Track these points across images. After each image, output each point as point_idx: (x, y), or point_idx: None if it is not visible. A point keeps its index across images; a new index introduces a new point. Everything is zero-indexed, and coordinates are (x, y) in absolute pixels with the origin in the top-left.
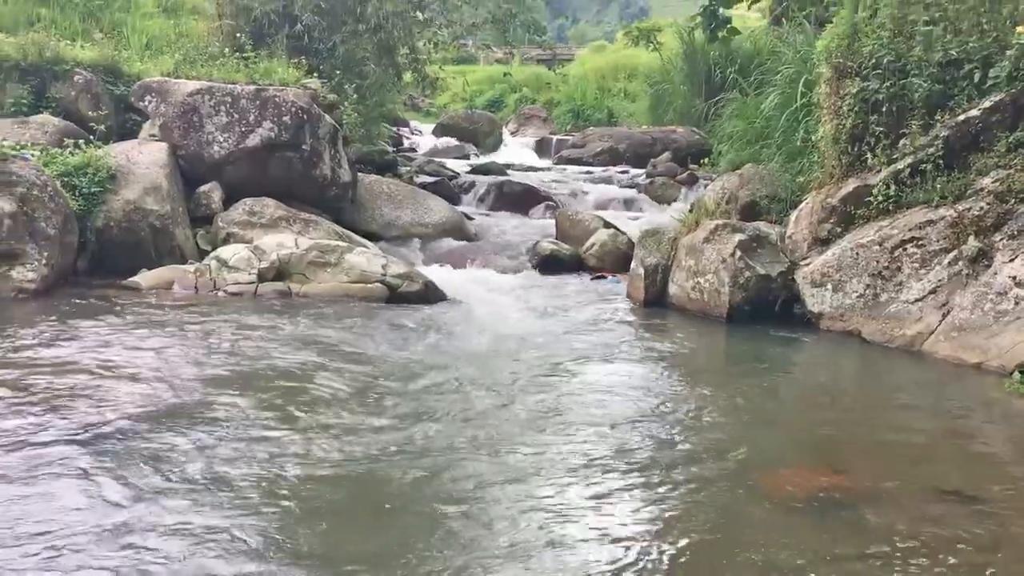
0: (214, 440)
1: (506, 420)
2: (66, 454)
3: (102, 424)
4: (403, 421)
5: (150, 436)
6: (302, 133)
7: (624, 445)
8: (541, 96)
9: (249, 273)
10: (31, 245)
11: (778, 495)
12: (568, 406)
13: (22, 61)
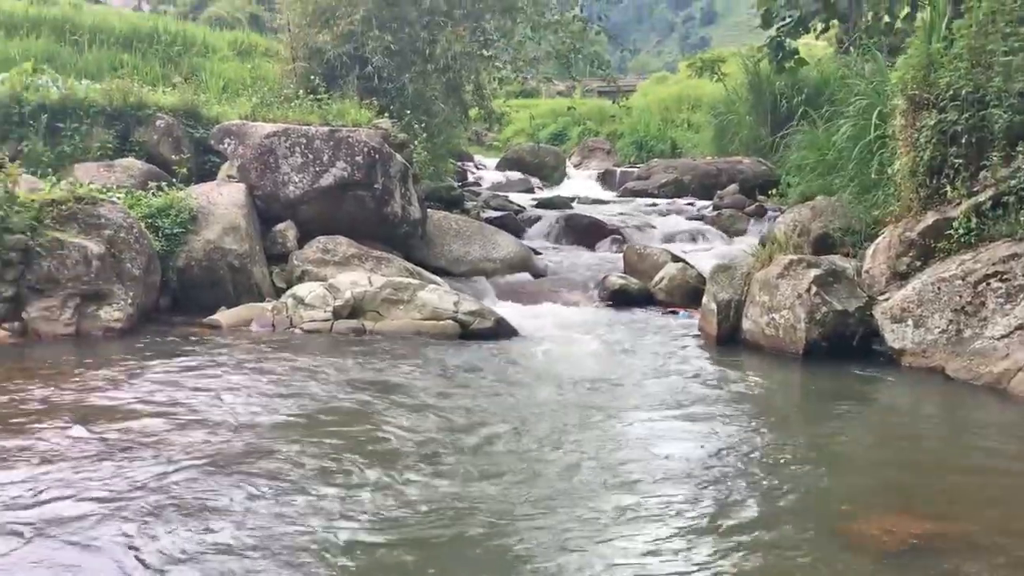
0: (271, 493)
1: (575, 471)
2: (122, 503)
3: (164, 474)
4: (466, 477)
5: (209, 487)
6: (374, 172)
7: (700, 494)
8: (604, 128)
9: (324, 311)
10: (118, 285)
11: (867, 544)
12: (640, 454)
13: (108, 107)
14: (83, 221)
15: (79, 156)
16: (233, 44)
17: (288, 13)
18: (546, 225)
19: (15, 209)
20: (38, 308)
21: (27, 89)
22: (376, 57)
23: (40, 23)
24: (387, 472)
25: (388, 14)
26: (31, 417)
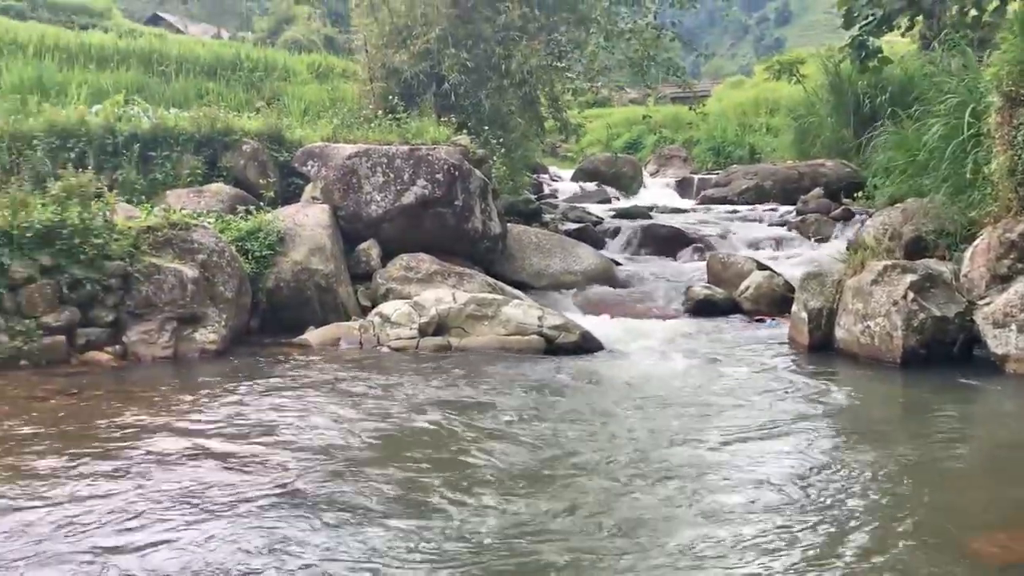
0: (351, 520)
1: (665, 499)
2: (207, 524)
3: (249, 499)
4: (549, 505)
5: (291, 511)
6: (454, 189)
7: (804, 519)
8: (680, 135)
9: (410, 328)
10: (212, 308)
11: (999, 561)
12: (735, 477)
13: (196, 134)
14: (178, 246)
15: (170, 183)
16: (311, 67)
17: (365, 34)
18: (625, 236)
19: (114, 237)
20: (137, 332)
21: (120, 120)
22: (452, 74)
23: (129, 55)
24: (467, 499)
25: (463, 31)
26: (130, 437)
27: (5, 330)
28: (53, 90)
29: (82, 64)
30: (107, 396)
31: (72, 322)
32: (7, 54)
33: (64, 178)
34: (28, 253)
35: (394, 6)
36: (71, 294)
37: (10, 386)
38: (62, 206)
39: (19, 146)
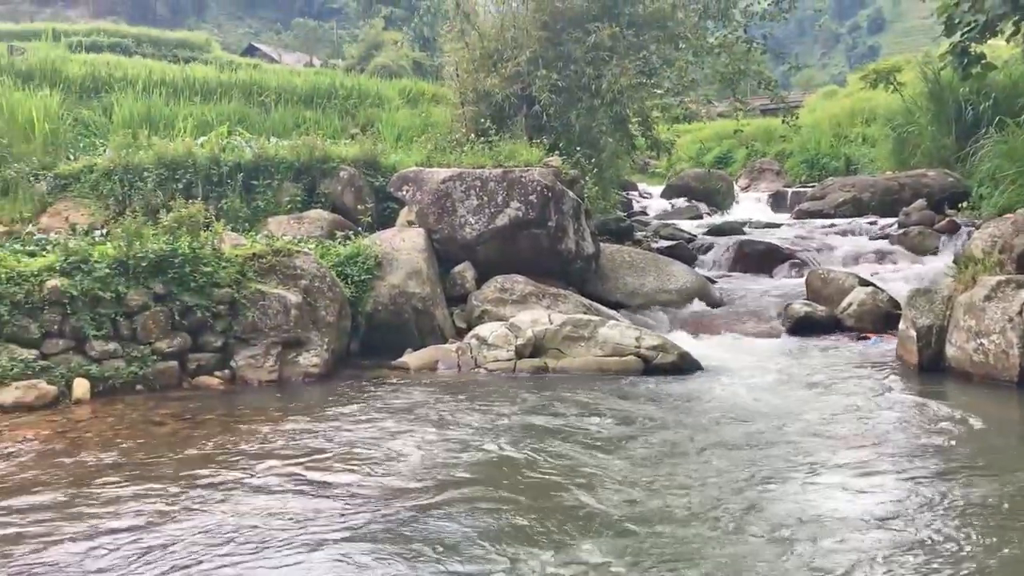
0: (450, 554)
1: (770, 537)
2: (309, 560)
3: (350, 528)
4: (648, 540)
5: (393, 543)
6: (547, 210)
7: (924, 563)
8: (771, 148)
9: (507, 350)
10: (314, 332)
11: None
12: (844, 510)
13: (296, 162)
14: (281, 272)
15: (271, 210)
16: (403, 93)
17: (455, 59)
18: (719, 252)
19: (222, 264)
20: (244, 356)
21: (224, 150)
22: (543, 96)
23: (231, 87)
24: (562, 533)
25: (553, 53)
26: (242, 464)
27: (122, 356)
28: (161, 123)
29: (187, 97)
30: (218, 421)
31: (184, 347)
32: (118, 90)
33: (175, 209)
34: (143, 281)
35: (484, 30)
36: (182, 320)
37: (128, 410)
38: (174, 236)
39: (131, 178)
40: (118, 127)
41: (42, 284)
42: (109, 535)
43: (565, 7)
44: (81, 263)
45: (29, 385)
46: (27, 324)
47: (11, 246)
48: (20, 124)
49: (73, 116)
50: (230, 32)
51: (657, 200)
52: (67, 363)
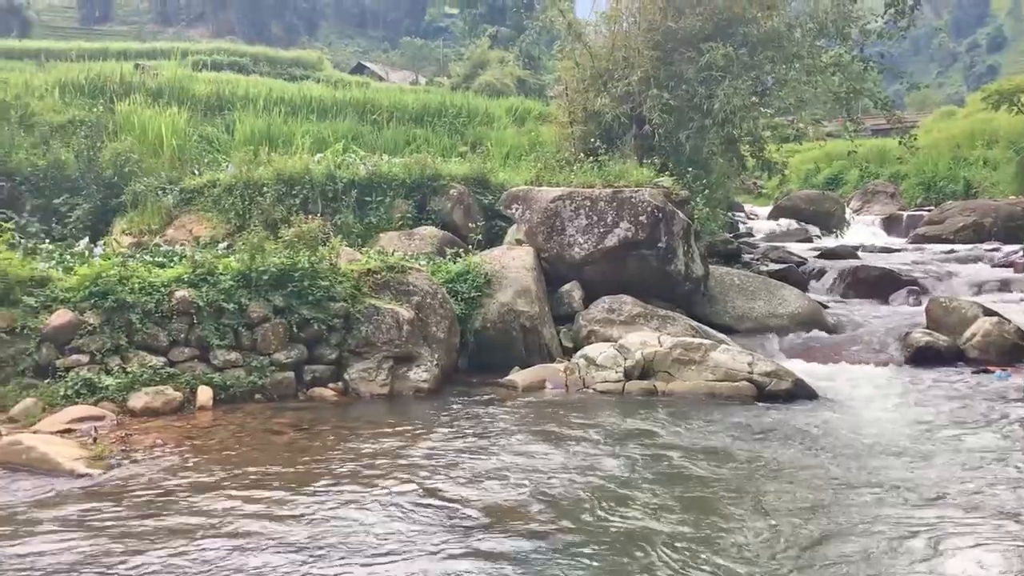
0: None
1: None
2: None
3: (458, 542)
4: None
5: (505, 556)
6: (657, 231)
7: None
8: (885, 170)
9: (616, 371)
10: (425, 348)
11: None
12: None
13: (407, 179)
14: (395, 288)
15: (383, 226)
16: (510, 111)
17: (565, 79)
18: (832, 277)
19: (339, 279)
20: (357, 370)
21: (339, 167)
22: (654, 116)
23: (345, 106)
24: (668, 567)
25: (665, 73)
26: (357, 475)
27: (243, 365)
28: (280, 140)
29: (304, 115)
30: (333, 432)
31: (300, 359)
32: (240, 108)
33: (295, 224)
34: (264, 294)
35: (595, 51)
36: (300, 333)
37: (248, 419)
38: (294, 251)
39: (251, 193)
40: (239, 144)
41: (171, 294)
42: (236, 538)
43: (678, 27)
44: (207, 275)
45: (157, 391)
46: (156, 332)
47: (142, 257)
48: (150, 140)
49: (198, 133)
50: (339, 51)
51: (764, 221)
52: (192, 371)
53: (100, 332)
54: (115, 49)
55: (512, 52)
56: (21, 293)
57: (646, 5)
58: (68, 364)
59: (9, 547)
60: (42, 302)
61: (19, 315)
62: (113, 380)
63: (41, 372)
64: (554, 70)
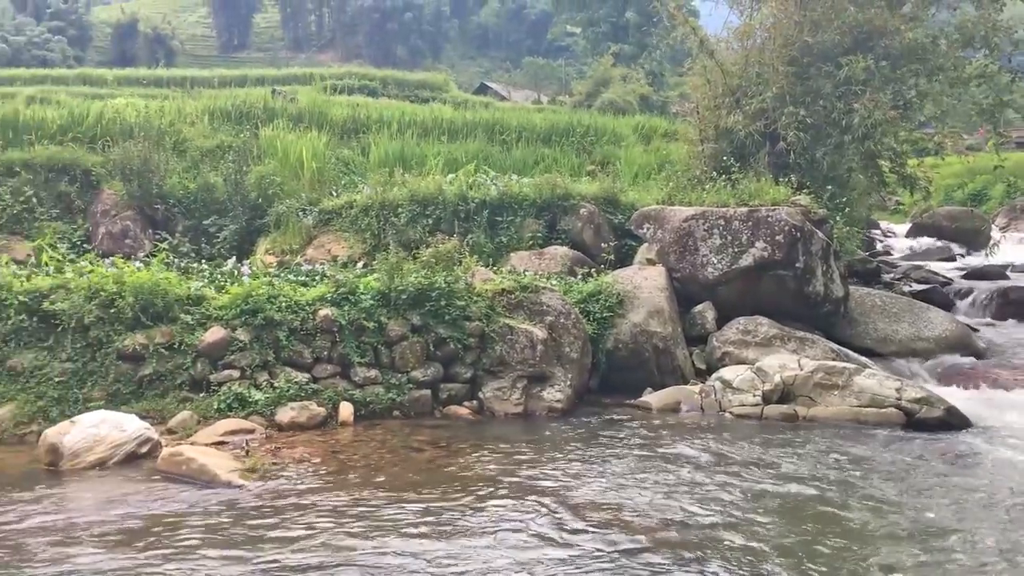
0: None
1: None
2: None
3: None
4: None
5: None
6: (795, 251)
7: None
8: None
9: (753, 395)
10: (558, 368)
11: None
12: None
13: (537, 199)
14: (528, 308)
15: (514, 245)
16: (636, 129)
17: (695, 97)
18: (979, 298)
19: (474, 299)
20: (492, 388)
21: (471, 188)
22: (790, 132)
23: (475, 126)
24: None
25: (801, 89)
26: (497, 493)
27: (382, 382)
28: (413, 161)
29: (435, 136)
30: (471, 450)
31: (437, 377)
32: (375, 130)
33: (433, 245)
34: (402, 313)
35: (727, 67)
36: (436, 351)
37: (388, 435)
38: (431, 271)
39: (386, 213)
40: (374, 165)
41: (315, 313)
42: (385, 554)
43: (815, 42)
44: (349, 294)
45: (302, 406)
46: (301, 349)
47: (286, 276)
48: (292, 163)
49: (336, 155)
50: (463, 71)
51: (902, 239)
52: (334, 387)
53: (250, 348)
54: (253, 75)
55: (635, 69)
56: (179, 311)
57: (781, 21)
58: (221, 379)
59: (179, 556)
60: (197, 319)
61: (177, 331)
62: (262, 395)
63: (196, 386)
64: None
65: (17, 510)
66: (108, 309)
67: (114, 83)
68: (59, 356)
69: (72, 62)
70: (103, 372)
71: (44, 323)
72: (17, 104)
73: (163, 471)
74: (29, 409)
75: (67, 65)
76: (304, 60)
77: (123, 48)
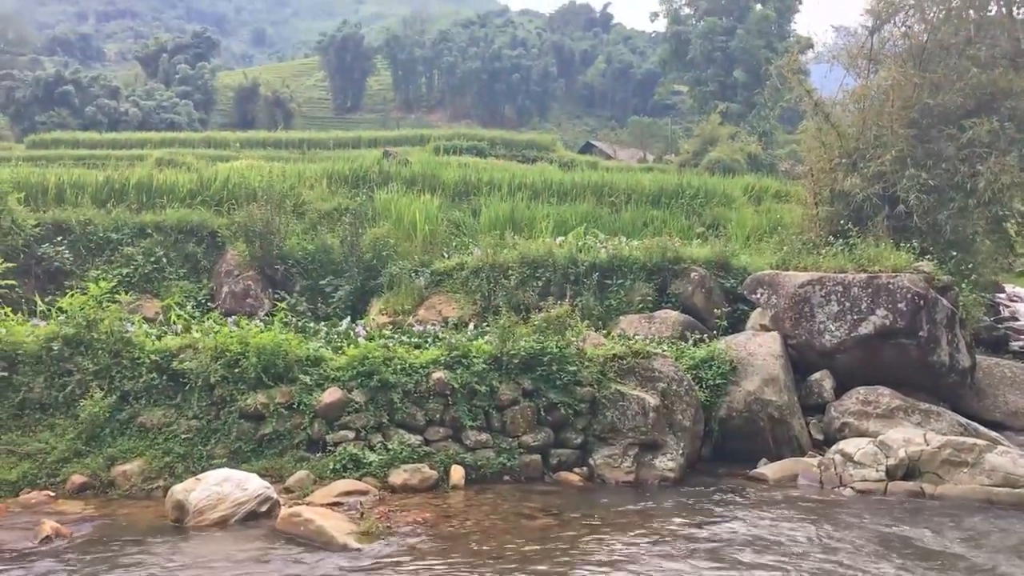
0: None
1: None
2: None
3: None
4: None
5: None
6: (918, 319)
7: None
8: None
9: (876, 470)
10: (670, 436)
11: None
12: None
13: (647, 262)
14: (640, 374)
15: (623, 308)
16: (746, 190)
17: (809, 159)
18: None
19: (585, 364)
20: (602, 455)
21: (580, 251)
22: (911, 196)
23: (584, 188)
24: None
25: (922, 151)
26: (614, 565)
27: (492, 447)
28: (523, 223)
29: (544, 198)
30: (584, 519)
31: (547, 443)
32: (485, 192)
33: (545, 309)
34: (513, 377)
35: (842, 130)
36: (547, 416)
37: (499, 500)
38: (542, 335)
39: (496, 275)
40: (485, 227)
41: (429, 376)
42: None
43: (936, 104)
44: (461, 358)
45: (415, 468)
46: (414, 412)
47: (400, 337)
48: (405, 225)
49: (447, 217)
50: (568, 130)
51: None
52: (445, 450)
53: (365, 410)
54: (366, 137)
55: (742, 128)
56: (299, 371)
57: (900, 82)
58: (337, 439)
59: None
60: (316, 380)
61: (296, 392)
62: (376, 456)
63: (313, 446)
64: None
65: (147, 567)
66: (233, 369)
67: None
68: (186, 413)
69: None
70: (226, 430)
71: (173, 381)
72: (149, 166)
73: (282, 531)
74: (156, 465)
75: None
76: (414, 120)
77: (245, 110)
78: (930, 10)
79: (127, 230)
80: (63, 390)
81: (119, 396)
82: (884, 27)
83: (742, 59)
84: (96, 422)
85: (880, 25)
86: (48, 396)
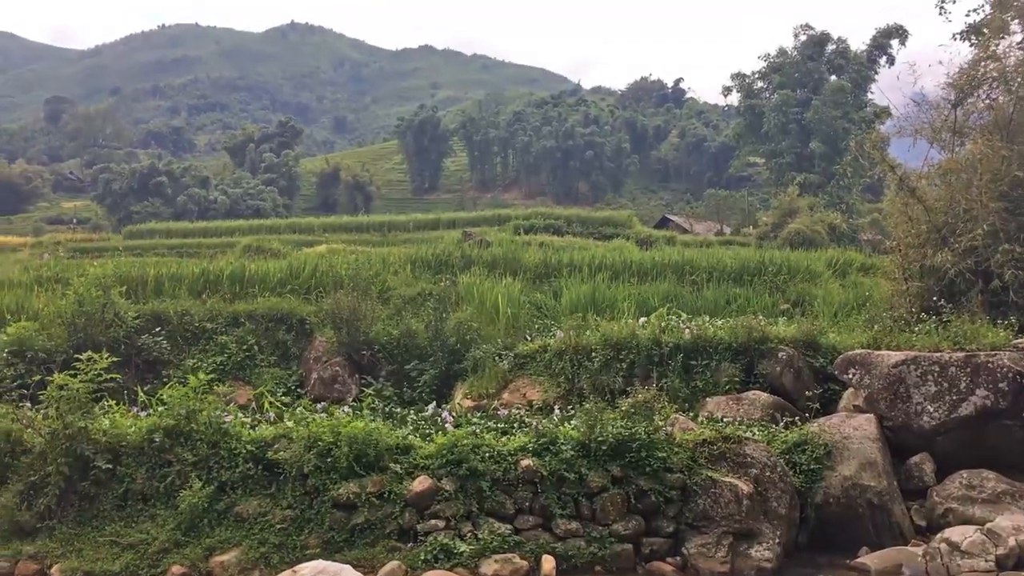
0: None
1: None
2: None
3: None
4: None
5: None
6: (1021, 399)
7: None
8: None
9: (986, 560)
10: (765, 524)
11: None
12: None
13: (733, 342)
14: (731, 460)
15: (709, 390)
16: (830, 264)
17: (896, 234)
18: None
19: (674, 450)
20: (696, 544)
21: (664, 331)
22: (1006, 271)
23: (664, 267)
24: None
25: (1015, 225)
26: None
27: (583, 535)
28: (604, 304)
29: (625, 278)
30: None
31: (638, 531)
32: (566, 274)
33: (632, 394)
34: (602, 464)
35: (929, 204)
36: (637, 504)
37: None
38: (631, 420)
39: (579, 358)
40: (566, 309)
41: (517, 463)
42: None
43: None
44: (549, 444)
45: (506, 559)
46: (503, 500)
47: (486, 423)
48: (488, 309)
49: (529, 300)
50: (643, 204)
51: None
52: (535, 539)
53: (455, 499)
54: (445, 219)
55: (821, 198)
56: (389, 459)
57: (987, 155)
58: (427, 528)
59: None
60: (406, 468)
61: (387, 480)
62: (467, 546)
63: (403, 535)
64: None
65: None
66: (325, 458)
67: (320, 230)
68: (280, 503)
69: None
70: (319, 520)
71: (268, 471)
72: (238, 253)
73: None
74: (252, 555)
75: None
76: (490, 200)
77: (326, 194)
78: (1014, 81)
79: (221, 319)
80: (164, 480)
81: (217, 486)
82: (967, 100)
83: (818, 130)
84: (195, 512)
85: (963, 98)
86: (149, 487)
